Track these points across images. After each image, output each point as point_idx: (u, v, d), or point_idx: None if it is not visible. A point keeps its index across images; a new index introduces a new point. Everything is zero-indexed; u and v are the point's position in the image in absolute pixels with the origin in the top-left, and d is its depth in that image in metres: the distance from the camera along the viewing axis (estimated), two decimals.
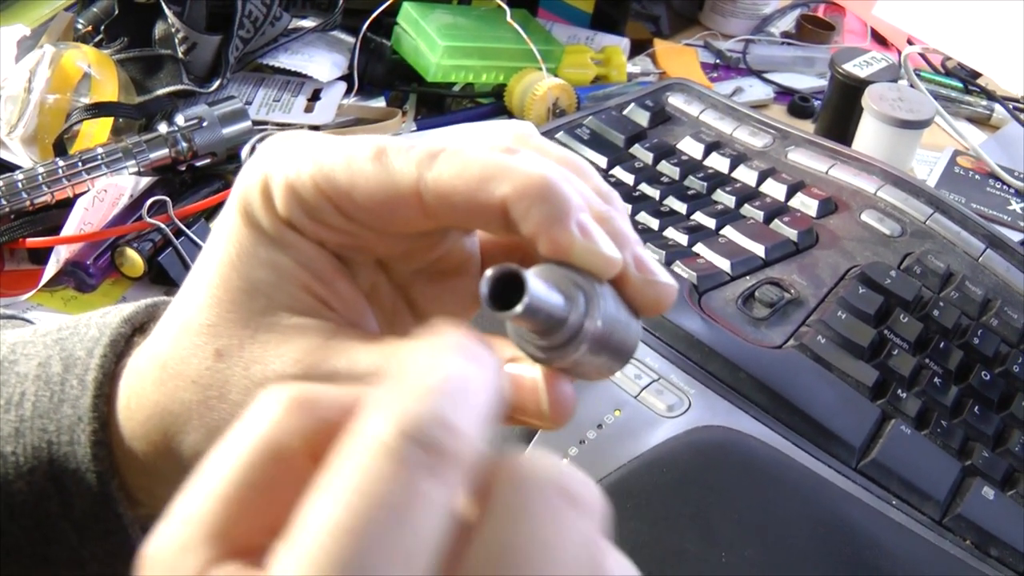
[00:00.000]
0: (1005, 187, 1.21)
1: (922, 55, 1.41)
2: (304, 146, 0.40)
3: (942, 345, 0.81)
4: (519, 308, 0.33)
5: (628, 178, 0.96)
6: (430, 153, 0.38)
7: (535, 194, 0.36)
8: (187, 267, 0.90)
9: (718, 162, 0.99)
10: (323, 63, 1.19)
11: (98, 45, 1.09)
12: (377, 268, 0.44)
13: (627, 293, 0.39)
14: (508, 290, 0.34)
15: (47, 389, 0.44)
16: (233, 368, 0.40)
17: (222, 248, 0.41)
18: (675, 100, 1.08)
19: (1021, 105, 1.33)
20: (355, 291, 0.43)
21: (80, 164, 0.93)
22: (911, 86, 1.23)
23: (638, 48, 1.39)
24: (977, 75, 1.38)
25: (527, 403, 0.38)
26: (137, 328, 0.46)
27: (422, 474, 0.26)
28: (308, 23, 1.21)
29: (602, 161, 0.98)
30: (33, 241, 0.90)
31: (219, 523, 0.29)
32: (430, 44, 1.16)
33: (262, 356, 0.40)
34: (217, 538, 0.29)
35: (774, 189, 0.95)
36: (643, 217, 0.91)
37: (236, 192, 0.41)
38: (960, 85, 1.38)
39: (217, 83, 1.10)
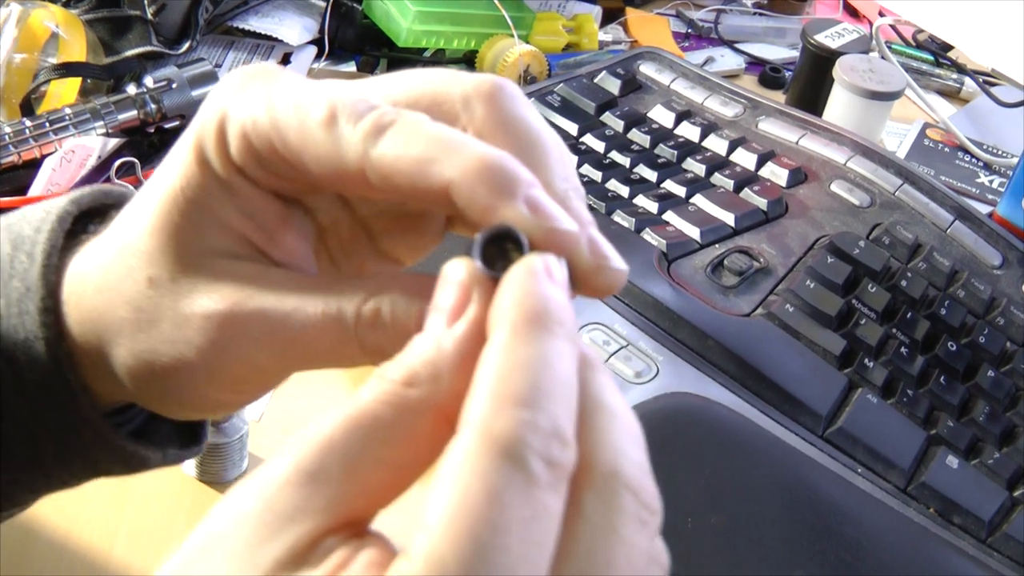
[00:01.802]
0: (974, 160, 1.22)
1: (893, 27, 1.41)
2: (265, 90, 0.39)
3: (909, 315, 0.81)
4: (513, 263, 0.33)
5: (599, 146, 0.96)
6: (377, 127, 0.36)
7: (477, 176, 0.34)
8: None
9: (689, 131, 0.99)
10: (293, 27, 1.18)
11: (66, 5, 1.08)
12: (339, 203, 0.44)
13: (577, 274, 0.36)
14: (493, 244, 0.34)
15: None
16: (163, 298, 0.40)
17: (170, 179, 0.41)
18: (646, 69, 1.08)
19: (991, 78, 1.33)
20: (301, 239, 0.43)
21: (47, 124, 0.92)
22: (882, 58, 1.23)
23: (610, 16, 1.38)
24: (948, 48, 1.38)
25: None
26: (84, 210, 0.46)
27: (546, 490, 0.29)
28: None
29: (572, 128, 0.98)
30: (0, 201, 0.89)
31: (344, 495, 0.31)
32: (401, 9, 1.16)
33: (191, 292, 0.40)
34: (337, 508, 0.30)
35: (744, 158, 0.95)
36: (613, 184, 0.91)
37: (193, 127, 0.40)
38: (931, 58, 1.39)
39: (186, 45, 1.09)
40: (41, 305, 0.43)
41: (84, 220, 0.46)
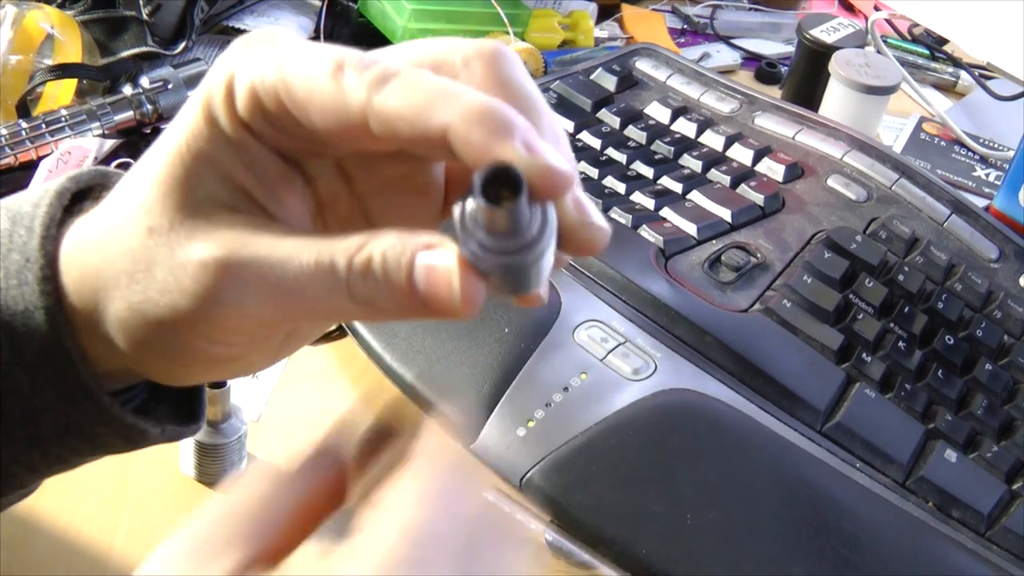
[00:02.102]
0: (970, 153, 1.22)
1: (889, 21, 1.41)
2: (272, 50, 0.40)
3: (907, 309, 0.81)
4: (511, 203, 0.34)
5: (595, 142, 0.96)
6: (382, 76, 0.37)
7: (475, 119, 0.36)
8: None
9: (685, 127, 0.99)
10: (289, 25, 1.17)
11: (61, 6, 1.07)
12: (339, 177, 0.45)
13: (563, 229, 0.38)
14: (491, 186, 0.34)
15: None
16: (160, 247, 0.41)
17: (177, 135, 0.41)
18: (642, 65, 1.08)
19: (987, 72, 1.33)
20: (300, 202, 0.43)
21: (44, 126, 0.92)
22: (878, 52, 1.23)
23: (605, 13, 1.38)
24: (943, 42, 1.38)
25: (439, 291, 0.38)
26: (83, 187, 0.47)
27: None
28: None
29: (569, 125, 0.98)
30: None
31: (250, 537, 0.35)
32: (397, 7, 1.16)
33: (188, 239, 0.41)
34: (246, 547, 0.35)
35: (741, 154, 0.95)
36: (610, 181, 0.91)
37: (202, 86, 0.41)
38: (926, 52, 1.39)
39: (182, 45, 1.08)
40: (40, 275, 0.43)
41: (81, 199, 0.47)
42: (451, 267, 0.37)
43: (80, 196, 0.47)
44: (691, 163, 0.94)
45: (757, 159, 0.94)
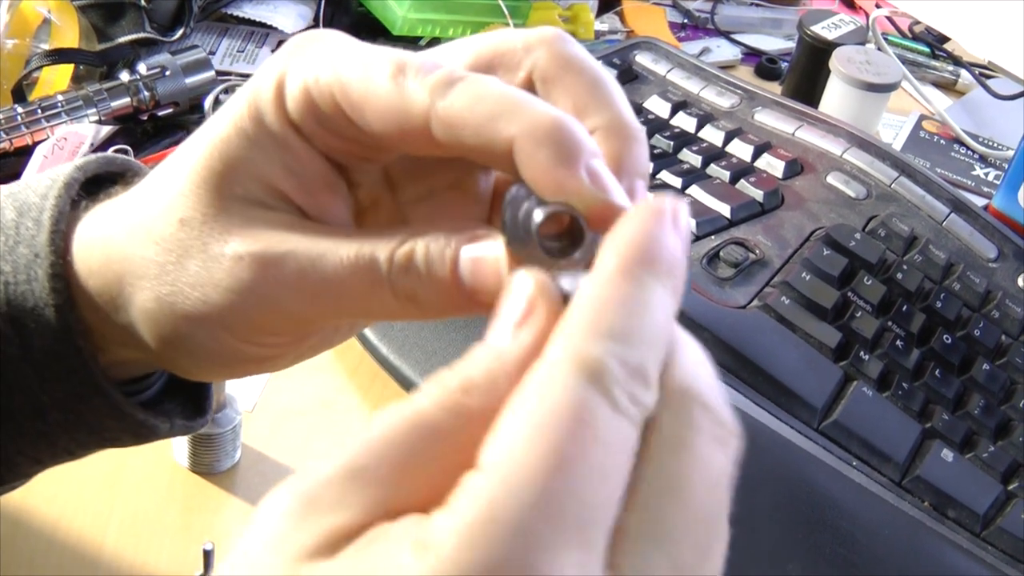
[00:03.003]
0: (970, 152, 1.21)
1: (890, 19, 1.40)
2: (327, 49, 0.39)
3: (905, 308, 0.81)
4: (577, 255, 0.34)
5: None
6: (447, 80, 0.36)
7: (542, 135, 0.34)
8: None
9: (685, 121, 0.98)
10: (288, 14, 1.17)
11: None
12: (383, 183, 0.44)
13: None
14: (551, 220, 0.34)
15: (0, 235, 0.44)
16: (193, 240, 0.40)
17: (218, 129, 0.41)
18: (642, 59, 1.07)
19: (987, 71, 1.33)
20: (340, 206, 0.42)
21: (39, 111, 0.92)
22: (878, 49, 1.23)
23: (606, 6, 1.38)
24: (944, 40, 1.38)
25: (487, 281, 0.37)
26: (90, 177, 0.46)
27: (627, 421, 0.28)
28: None
29: None
30: None
31: (390, 496, 0.29)
32: None
33: (222, 235, 0.40)
34: (381, 505, 0.29)
35: (740, 149, 0.95)
36: None
37: (249, 86, 0.40)
38: (927, 50, 1.38)
39: (180, 32, 1.08)
40: (50, 271, 0.43)
41: (89, 188, 0.46)
42: (499, 257, 0.37)
43: (88, 184, 0.46)
44: (690, 158, 0.94)
45: (757, 155, 0.94)
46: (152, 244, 0.41)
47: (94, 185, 0.47)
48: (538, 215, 0.34)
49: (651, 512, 0.28)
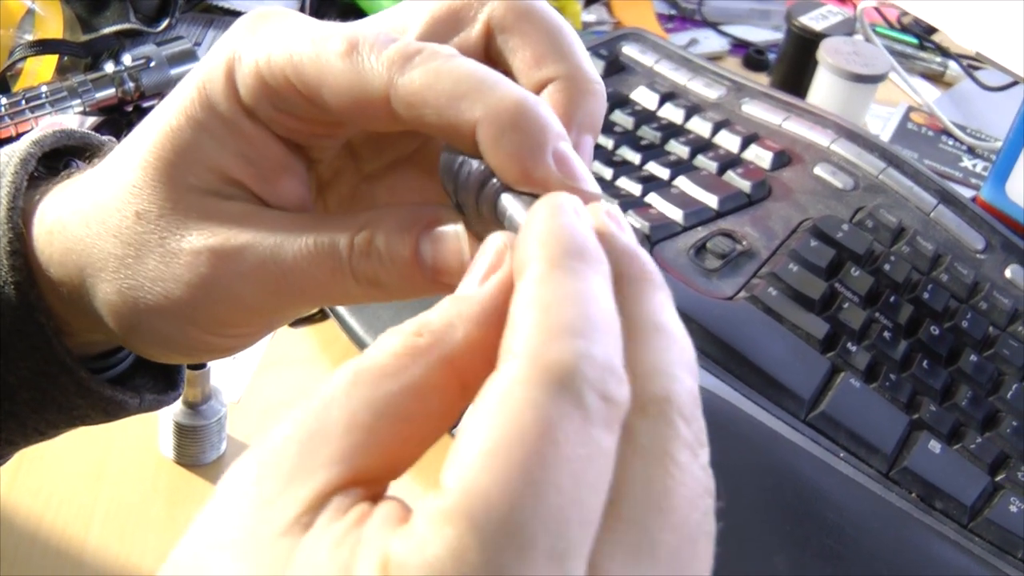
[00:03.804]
0: (957, 144, 1.21)
1: (878, 10, 1.40)
2: (278, 29, 0.38)
3: (892, 299, 0.81)
4: None
5: None
6: (404, 54, 0.36)
7: (507, 120, 0.34)
8: None
9: (672, 112, 0.98)
10: (274, 5, 1.16)
11: None
12: (345, 154, 0.44)
13: None
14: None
15: None
16: (150, 234, 0.40)
17: (168, 115, 0.40)
18: (629, 50, 1.07)
19: (975, 62, 1.33)
20: (299, 187, 0.42)
21: (24, 102, 0.91)
22: (866, 40, 1.23)
23: None
24: (932, 31, 1.38)
25: (449, 259, 0.37)
26: (48, 151, 0.46)
27: (601, 428, 0.26)
28: None
29: None
30: None
31: (349, 449, 0.28)
32: None
33: (178, 229, 0.39)
34: (344, 462, 0.28)
35: (728, 141, 0.95)
36: (596, 167, 0.90)
37: (199, 69, 0.40)
38: (915, 41, 1.38)
39: (165, 23, 1.07)
40: (9, 248, 0.42)
41: (48, 163, 0.46)
42: (459, 233, 0.36)
43: (48, 159, 0.46)
44: (678, 149, 0.94)
45: (744, 146, 0.94)
46: (110, 237, 0.41)
47: (54, 160, 0.46)
48: (515, 210, 0.34)
49: (634, 530, 0.27)
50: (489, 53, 0.39)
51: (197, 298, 0.39)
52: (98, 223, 0.41)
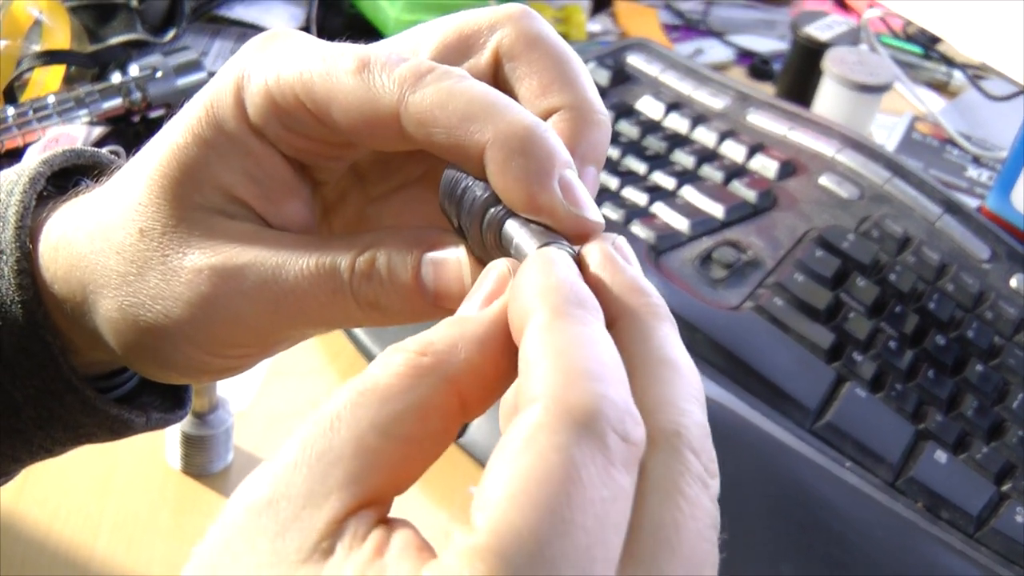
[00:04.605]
0: (962, 153, 1.21)
1: (883, 19, 1.40)
2: (287, 48, 0.39)
3: (898, 309, 0.81)
4: None
5: None
6: (416, 73, 0.36)
7: (516, 145, 0.34)
8: None
9: (677, 122, 0.98)
10: (280, 15, 1.17)
11: None
12: (352, 177, 0.44)
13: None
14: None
15: None
16: (152, 251, 0.40)
17: (175, 134, 0.40)
18: (635, 60, 1.07)
19: (980, 72, 1.33)
20: (303, 208, 0.42)
21: (31, 112, 0.92)
22: (871, 50, 1.23)
23: (598, 7, 1.38)
24: (937, 40, 1.38)
25: (450, 285, 0.37)
26: (56, 171, 0.46)
27: (621, 469, 0.27)
28: None
29: None
30: None
31: (359, 471, 0.29)
32: None
33: (181, 247, 0.40)
34: (355, 485, 0.29)
35: (733, 150, 0.95)
36: (602, 177, 0.90)
37: (209, 87, 0.40)
38: (920, 50, 1.38)
39: (172, 33, 1.08)
40: (16, 267, 0.42)
41: (57, 181, 0.46)
42: (461, 259, 0.37)
43: (57, 176, 0.46)
44: (683, 159, 0.94)
45: (750, 156, 0.94)
46: (114, 254, 0.41)
47: (63, 179, 0.46)
48: (521, 238, 0.34)
49: (646, 565, 0.27)
50: (497, 80, 0.39)
51: (197, 317, 0.39)
52: (102, 240, 0.41)
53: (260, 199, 0.40)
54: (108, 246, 0.41)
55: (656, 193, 0.88)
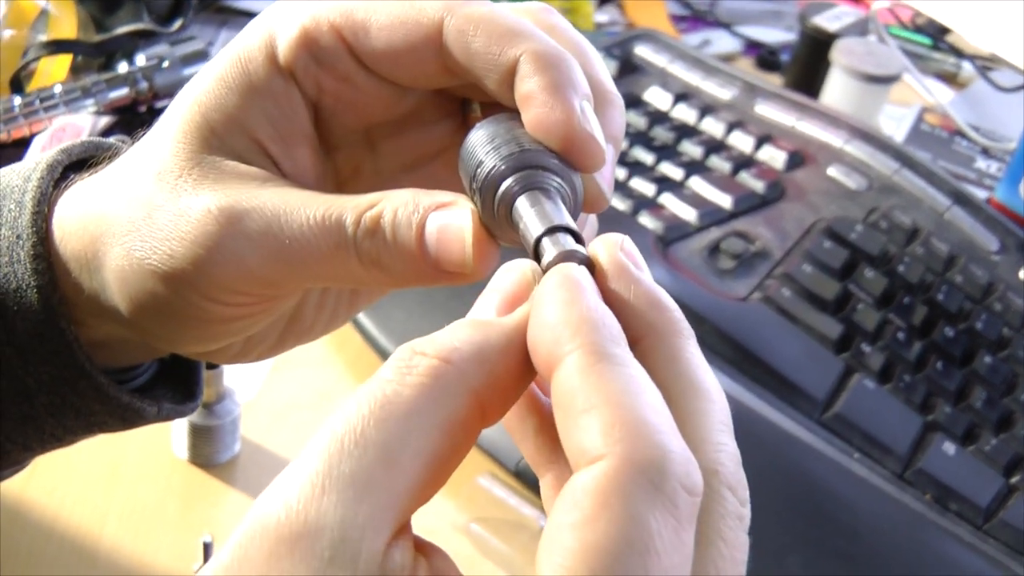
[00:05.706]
0: (971, 144, 1.21)
1: (891, 10, 1.40)
2: None
3: (907, 300, 0.81)
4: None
5: None
6: None
7: (549, 60, 0.36)
8: None
9: (685, 113, 0.98)
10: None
11: None
12: (366, 151, 0.44)
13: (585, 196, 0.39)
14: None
15: None
16: (165, 193, 0.40)
17: (201, 84, 0.41)
18: (642, 51, 1.07)
19: (989, 63, 1.33)
20: (316, 161, 0.43)
21: (38, 102, 0.91)
22: (880, 41, 1.23)
23: None
24: (946, 31, 1.37)
25: (451, 250, 0.37)
26: (75, 160, 0.46)
27: (686, 525, 0.27)
28: None
29: None
30: None
31: (393, 496, 0.29)
32: None
33: (194, 187, 0.40)
34: (391, 510, 0.29)
35: (741, 141, 0.95)
36: None
37: (237, 39, 0.41)
38: (929, 41, 1.38)
39: (179, 23, 1.08)
40: (32, 252, 0.42)
41: (75, 170, 0.46)
42: (464, 226, 0.36)
43: (73, 168, 0.46)
44: (691, 150, 0.93)
45: (758, 146, 0.94)
46: (127, 200, 0.41)
47: (81, 169, 0.46)
48: (533, 227, 0.34)
49: None
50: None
51: (200, 257, 0.39)
52: (116, 191, 0.42)
53: (277, 141, 0.41)
54: (122, 195, 0.41)
55: (664, 184, 0.88)
